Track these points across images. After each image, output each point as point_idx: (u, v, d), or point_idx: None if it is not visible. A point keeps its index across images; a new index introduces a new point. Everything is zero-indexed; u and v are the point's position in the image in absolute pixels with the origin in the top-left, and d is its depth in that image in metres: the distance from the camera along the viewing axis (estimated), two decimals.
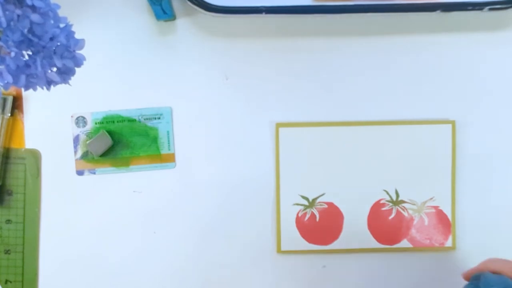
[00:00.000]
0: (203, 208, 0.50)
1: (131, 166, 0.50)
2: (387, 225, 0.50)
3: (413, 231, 0.50)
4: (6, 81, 0.31)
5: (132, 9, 0.50)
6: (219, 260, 0.50)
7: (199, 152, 0.50)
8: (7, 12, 0.29)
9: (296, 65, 0.50)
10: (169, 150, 0.50)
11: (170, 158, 0.50)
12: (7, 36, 0.30)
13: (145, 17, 0.50)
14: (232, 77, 0.50)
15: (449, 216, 0.50)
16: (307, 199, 0.50)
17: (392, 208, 0.50)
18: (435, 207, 0.50)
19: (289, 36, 0.50)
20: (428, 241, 0.50)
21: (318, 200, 0.50)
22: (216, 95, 0.50)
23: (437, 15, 0.47)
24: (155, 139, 0.50)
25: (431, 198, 0.50)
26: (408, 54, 0.50)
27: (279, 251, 0.50)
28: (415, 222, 0.50)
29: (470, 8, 0.47)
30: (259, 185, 0.50)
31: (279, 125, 0.49)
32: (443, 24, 0.50)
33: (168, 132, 0.50)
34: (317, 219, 0.50)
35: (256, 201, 0.50)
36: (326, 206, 0.50)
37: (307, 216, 0.50)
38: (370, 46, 0.50)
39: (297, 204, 0.50)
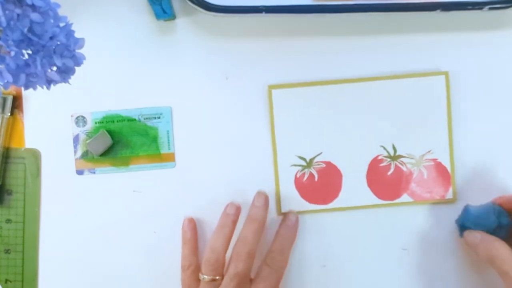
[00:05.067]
0: (203, 207, 0.50)
1: (131, 166, 0.50)
2: (386, 181, 0.50)
3: (413, 185, 0.50)
4: (6, 80, 0.31)
5: (132, 8, 0.50)
6: None
7: (199, 152, 0.50)
8: (7, 12, 0.29)
9: (296, 64, 0.50)
10: (169, 149, 0.50)
11: (170, 158, 0.50)
12: (7, 35, 0.30)
13: (145, 16, 0.50)
14: (232, 77, 0.50)
15: (448, 168, 0.50)
16: (304, 159, 0.50)
17: (390, 164, 0.50)
18: (434, 160, 0.50)
19: (289, 36, 0.50)
20: (428, 194, 0.50)
21: (315, 160, 0.50)
22: (216, 95, 0.50)
23: (436, 14, 0.47)
24: (155, 139, 0.50)
25: (429, 151, 0.50)
26: (408, 53, 0.50)
27: (279, 213, 0.50)
28: (414, 176, 0.50)
29: (470, 7, 0.47)
30: (259, 182, 0.50)
31: (271, 87, 0.49)
32: (442, 23, 0.50)
33: (168, 131, 0.50)
34: (316, 178, 0.50)
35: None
36: (324, 165, 0.50)
37: (306, 176, 0.50)
38: (369, 45, 0.50)
39: (295, 165, 0.50)
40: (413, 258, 0.50)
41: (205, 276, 0.46)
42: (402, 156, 0.50)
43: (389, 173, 0.50)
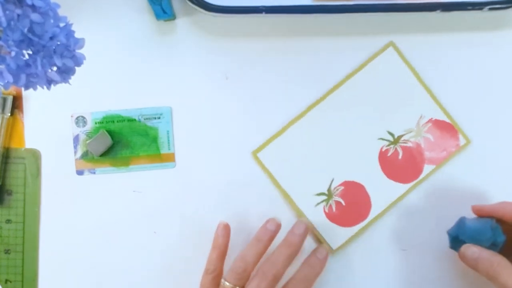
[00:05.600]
0: (203, 208, 0.50)
1: (131, 166, 0.50)
2: (402, 165, 0.50)
3: (427, 154, 0.50)
4: (6, 81, 0.31)
5: (132, 8, 0.50)
6: None
7: (199, 152, 0.50)
8: (7, 12, 0.29)
9: (296, 65, 0.50)
10: (169, 150, 0.50)
11: (170, 158, 0.50)
12: (7, 35, 0.30)
13: (145, 16, 0.50)
14: (232, 77, 0.50)
15: (447, 119, 0.50)
16: (323, 193, 0.50)
17: (396, 148, 0.50)
18: (430, 120, 0.50)
19: (289, 36, 0.50)
20: (444, 152, 0.50)
21: (333, 187, 0.50)
22: (216, 95, 0.50)
23: (436, 14, 0.47)
24: (155, 139, 0.50)
25: (421, 116, 0.50)
26: (408, 53, 0.50)
27: (330, 251, 0.50)
28: (423, 145, 0.50)
29: (470, 8, 0.47)
30: (262, 182, 0.50)
31: (255, 152, 0.50)
32: (442, 23, 0.50)
33: (168, 131, 0.50)
34: (344, 203, 0.50)
35: (262, 198, 0.50)
36: (343, 187, 0.50)
37: (334, 206, 0.50)
38: (369, 45, 0.50)
39: (319, 203, 0.50)
40: (412, 258, 0.50)
41: (227, 283, 0.45)
42: (402, 136, 0.50)
43: (399, 157, 0.50)
